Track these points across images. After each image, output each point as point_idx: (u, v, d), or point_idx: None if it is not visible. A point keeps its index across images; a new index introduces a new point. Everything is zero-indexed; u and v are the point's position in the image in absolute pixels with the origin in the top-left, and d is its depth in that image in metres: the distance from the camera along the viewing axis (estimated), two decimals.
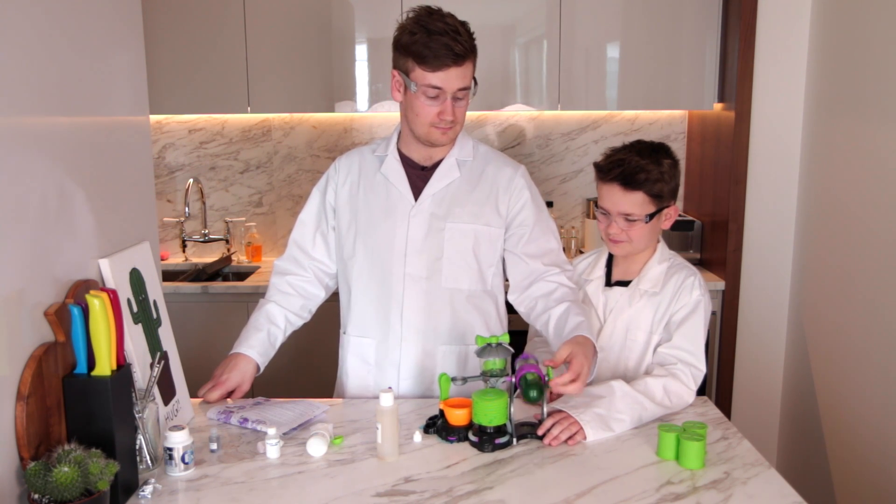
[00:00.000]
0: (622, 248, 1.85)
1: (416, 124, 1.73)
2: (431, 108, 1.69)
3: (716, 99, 3.16)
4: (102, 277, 1.48)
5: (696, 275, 1.85)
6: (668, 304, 1.82)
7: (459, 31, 1.66)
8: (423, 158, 1.82)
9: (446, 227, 1.79)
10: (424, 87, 1.67)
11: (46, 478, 1.18)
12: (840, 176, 2.64)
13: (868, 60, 2.46)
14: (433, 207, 1.80)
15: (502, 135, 3.55)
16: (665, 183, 1.80)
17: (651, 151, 1.82)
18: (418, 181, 1.82)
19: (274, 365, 3.06)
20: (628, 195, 1.79)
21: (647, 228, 1.81)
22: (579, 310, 1.74)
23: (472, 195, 1.81)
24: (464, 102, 1.72)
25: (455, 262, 1.81)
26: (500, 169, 1.85)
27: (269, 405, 1.75)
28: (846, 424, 2.55)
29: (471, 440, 1.57)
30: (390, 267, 1.81)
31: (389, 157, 1.84)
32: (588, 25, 3.15)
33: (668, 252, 1.90)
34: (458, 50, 1.64)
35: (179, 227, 3.58)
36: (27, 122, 1.28)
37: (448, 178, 1.81)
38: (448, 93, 1.68)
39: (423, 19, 1.66)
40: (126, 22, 1.68)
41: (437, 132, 1.73)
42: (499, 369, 1.60)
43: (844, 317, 2.57)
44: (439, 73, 1.65)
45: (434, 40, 1.63)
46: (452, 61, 1.65)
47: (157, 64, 3.11)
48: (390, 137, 1.88)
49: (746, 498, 1.37)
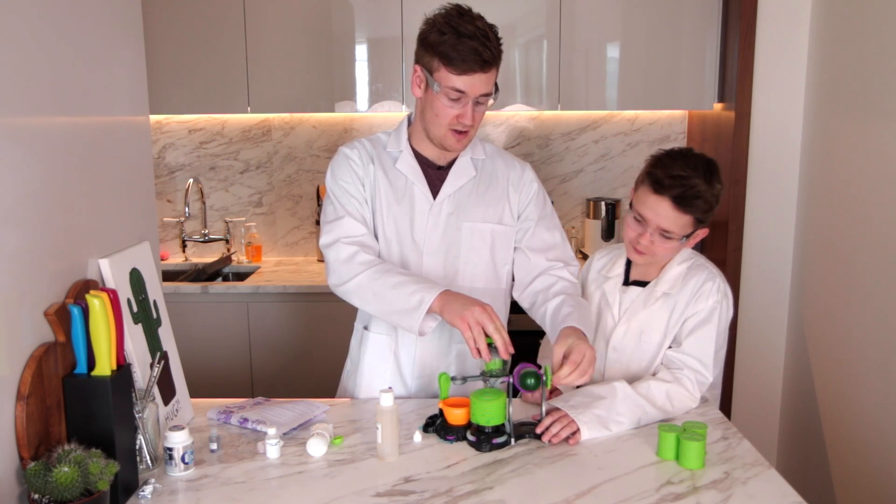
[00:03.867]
0: (643, 259, 1.81)
1: (434, 124, 1.71)
2: (451, 111, 1.67)
3: (716, 99, 3.16)
4: (102, 277, 1.48)
5: (716, 277, 1.80)
6: (684, 307, 1.78)
7: (489, 36, 1.63)
8: (437, 157, 1.80)
9: (463, 226, 1.79)
10: (448, 90, 1.64)
11: (46, 478, 1.18)
12: (840, 175, 2.64)
13: (868, 60, 2.46)
14: (451, 206, 1.79)
15: (502, 135, 3.55)
16: (713, 209, 1.75)
17: (707, 171, 1.73)
18: (434, 179, 1.80)
19: (274, 364, 3.07)
20: (677, 215, 1.72)
21: (677, 247, 1.78)
22: (573, 302, 1.74)
23: (487, 194, 1.81)
24: (483, 108, 1.70)
25: (472, 262, 1.81)
26: (510, 166, 1.86)
27: (268, 405, 1.75)
28: (846, 424, 2.55)
29: (469, 440, 1.57)
30: (407, 264, 1.79)
31: (405, 153, 1.80)
32: (588, 25, 3.15)
33: (690, 252, 1.85)
34: (487, 56, 1.62)
35: (179, 227, 3.58)
36: (27, 122, 1.28)
37: (465, 178, 1.80)
38: (471, 97, 1.65)
39: (454, 20, 1.63)
40: (126, 22, 1.68)
41: (453, 138, 1.71)
42: (498, 369, 1.60)
43: (844, 316, 2.57)
44: (465, 76, 1.62)
45: (463, 43, 1.60)
46: (480, 67, 1.62)
47: (157, 64, 3.11)
48: (398, 133, 1.83)
49: (746, 498, 1.37)
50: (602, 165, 3.57)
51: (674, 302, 1.80)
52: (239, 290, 3.07)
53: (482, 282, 1.82)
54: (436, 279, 1.76)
